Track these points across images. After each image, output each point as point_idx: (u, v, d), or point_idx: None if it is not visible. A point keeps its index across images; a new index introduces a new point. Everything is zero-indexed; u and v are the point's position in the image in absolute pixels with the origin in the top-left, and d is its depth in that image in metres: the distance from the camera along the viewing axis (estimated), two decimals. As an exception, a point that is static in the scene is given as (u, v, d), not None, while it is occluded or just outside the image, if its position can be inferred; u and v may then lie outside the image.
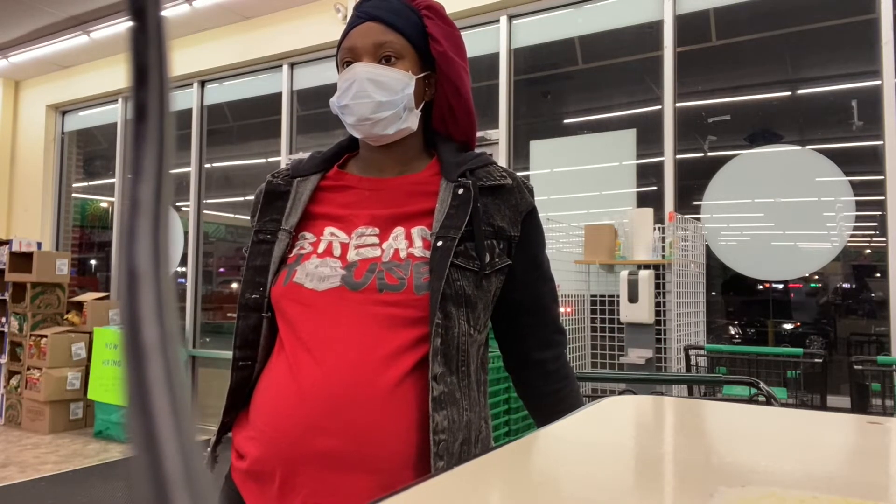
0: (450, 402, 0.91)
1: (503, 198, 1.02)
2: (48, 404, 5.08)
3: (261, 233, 1.03)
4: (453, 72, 1.04)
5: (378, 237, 0.98)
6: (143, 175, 0.18)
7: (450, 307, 0.93)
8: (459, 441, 0.92)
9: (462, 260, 0.95)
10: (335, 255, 0.97)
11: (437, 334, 0.91)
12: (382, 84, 0.99)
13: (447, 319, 0.92)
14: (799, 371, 2.91)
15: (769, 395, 1.73)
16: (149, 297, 0.17)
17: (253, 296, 0.98)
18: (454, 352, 0.93)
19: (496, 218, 1.00)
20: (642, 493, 0.50)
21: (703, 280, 3.62)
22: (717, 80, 3.96)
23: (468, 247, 0.96)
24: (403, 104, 1.01)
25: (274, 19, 5.35)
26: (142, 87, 0.18)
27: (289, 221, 1.02)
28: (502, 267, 1.00)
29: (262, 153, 5.82)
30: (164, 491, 0.15)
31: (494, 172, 1.03)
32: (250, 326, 0.98)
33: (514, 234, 1.02)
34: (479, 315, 0.97)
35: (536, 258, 1.06)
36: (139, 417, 0.16)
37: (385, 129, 1.01)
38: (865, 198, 3.37)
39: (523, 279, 1.03)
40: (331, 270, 0.95)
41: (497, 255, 0.99)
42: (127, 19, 0.19)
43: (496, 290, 1.00)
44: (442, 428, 0.89)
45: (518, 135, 4.47)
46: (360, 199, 1.03)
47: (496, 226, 1.00)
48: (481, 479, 0.53)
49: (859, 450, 0.65)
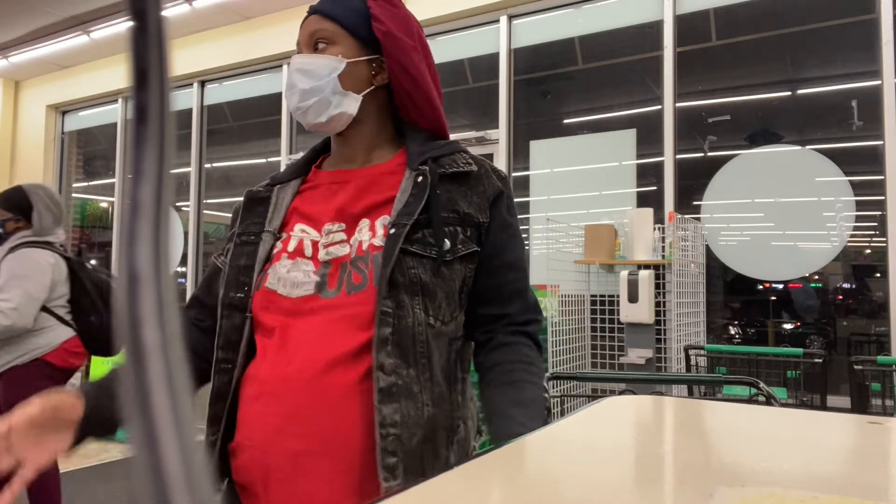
0: (404, 396, 0.88)
1: (470, 184, 1.00)
2: (48, 404, 5.08)
3: (244, 235, 1.02)
4: (401, 53, 1.01)
5: (345, 232, 0.97)
6: (143, 176, 0.18)
7: (402, 295, 0.90)
8: (419, 438, 0.88)
9: (418, 247, 0.93)
10: (306, 255, 0.95)
11: (384, 323, 0.89)
12: (308, 72, 1.00)
13: (400, 308, 0.90)
14: (799, 371, 2.91)
15: (769, 395, 1.73)
16: (149, 298, 0.17)
17: (237, 295, 0.96)
18: (410, 342, 0.90)
19: (462, 204, 0.98)
20: (642, 493, 0.50)
21: (703, 280, 3.62)
22: (717, 80, 3.96)
23: (426, 234, 0.94)
24: (330, 88, 0.99)
25: (274, 19, 5.35)
26: (142, 88, 0.18)
27: (272, 224, 1.01)
28: (467, 254, 0.96)
29: (262, 153, 5.82)
30: (165, 492, 0.15)
31: (459, 160, 1.01)
32: (234, 326, 0.96)
33: (483, 220, 0.99)
34: (439, 304, 0.93)
35: (499, 244, 1.01)
36: (140, 418, 0.16)
37: (316, 116, 1.00)
38: (865, 198, 3.37)
39: (487, 266, 0.99)
40: (304, 276, 0.93)
41: (461, 242, 0.96)
42: (127, 19, 0.19)
43: (464, 278, 0.97)
44: (392, 422, 0.86)
45: (518, 135, 4.47)
46: (327, 193, 1.03)
47: (462, 212, 0.97)
48: (481, 479, 0.53)
49: (859, 450, 0.65)
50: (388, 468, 0.85)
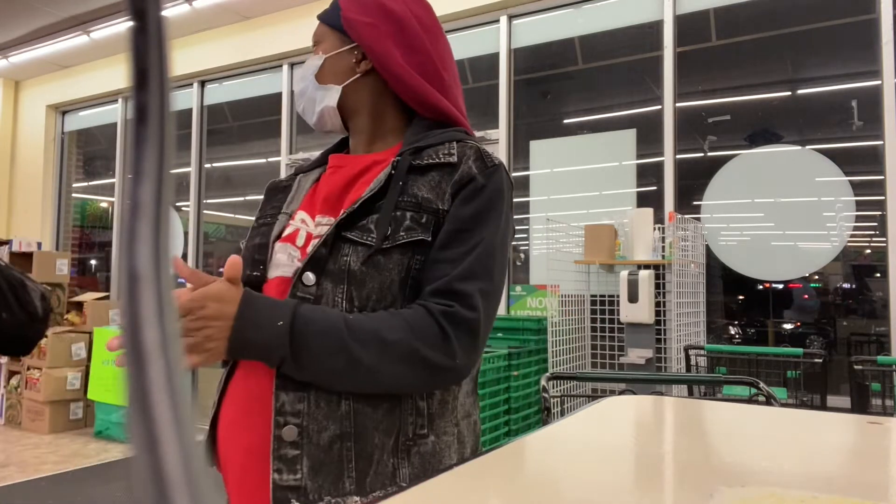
0: (314, 385, 0.84)
1: (444, 172, 0.92)
2: (48, 404, 5.08)
3: (262, 218, 1.03)
4: (372, 39, 0.98)
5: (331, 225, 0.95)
6: (143, 176, 0.18)
7: (327, 283, 0.86)
8: (332, 434, 0.83)
9: (356, 234, 0.88)
10: (297, 244, 0.94)
11: None
12: (300, 77, 1.04)
13: (323, 296, 0.86)
14: (799, 371, 2.91)
15: (769, 395, 1.73)
16: (149, 298, 0.17)
17: (253, 273, 0.95)
18: None
19: (423, 190, 0.90)
20: (642, 492, 0.50)
21: (703, 280, 3.61)
22: (717, 80, 3.96)
23: (370, 220, 0.88)
24: (312, 86, 1.02)
25: (274, 19, 5.35)
26: (142, 89, 0.18)
27: (289, 208, 1.01)
28: (410, 243, 0.87)
29: (262, 153, 5.82)
30: (165, 492, 0.15)
31: (442, 151, 0.94)
32: None
33: (443, 207, 0.89)
34: (368, 295, 0.86)
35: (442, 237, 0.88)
36: (140, 419, 0.16)
37: (310, 116, 1.04)
38: (865, 198, 3.37)
39: (430, 256, 0.89)
40: (287, 258, 0.93)
41: (405, 229, 0.87)
42: (127, 19, 0.19)
43: (408, 270, 0.87)
44: (292, 411, 0.84)
45: (518, 135, 4.47)
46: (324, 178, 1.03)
47: (420, 197, 0.89)
48: (481, 479, 0.53)
49: (859, 450, 0.65)
50: (284, 460, 0.83)
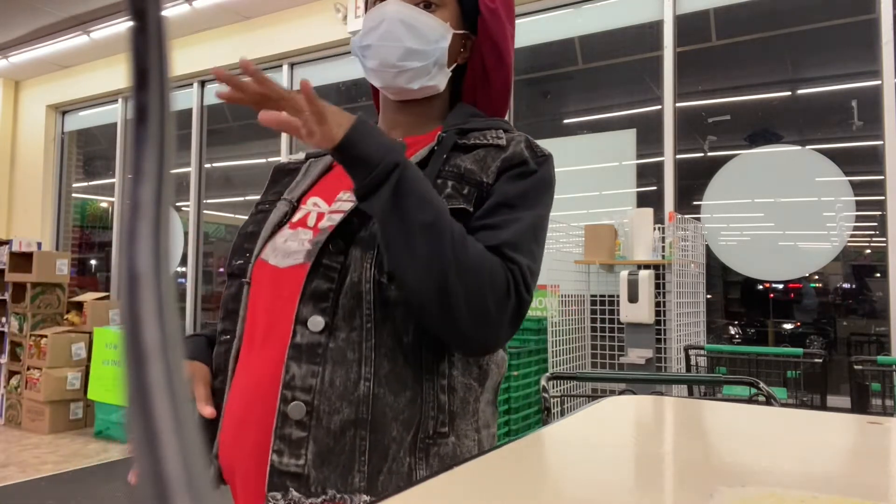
0: (331, 360, 0.76)
1: (490, 151, 0.87)
2: (48, 404, 5.08)
3: (261, 204, 0.96)
4: (500, 35, 0.93)
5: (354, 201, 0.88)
6: (143, 176, 0.18)
7: (356, 250, 0.80)
8: (345, 418, 0.75)
9: None
10: (309, 224, 0.86)
11: (321, 276, 0.79)
12: (416, 30, 0.88)
13: (350, 264, 0.79)
14: (799, 371, 2.91)
15: (769, 395, 1.73)
16: (149, 298, 0.17)
17: (238, 262, 0.89)
18: (353, 301, 0.78)
19: (467, 161, 0.85)
20: (642, 493, 0.50)
21: (703, 280, 3.61)
22: (717, 80, 3.96)
23: None
24: (435, 58, 0.89)
25: (274, 19, 5.35)
26: (142, 89, 0.18)
27: (292, 193, 0.93)
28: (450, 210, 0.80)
29: (262, 153, 5.82)
30: (165, 492, 0.15)
31: (490, 134, 0.89)
32: (231, 295, 0.89)
33: (487, 181, 0.84)
34: None
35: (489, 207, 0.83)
36: (140, 419, 0.16)
37: (410, 81, 0.89)
38: (865, 198, 3.37)
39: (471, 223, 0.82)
40: (298, 245, 0.84)
41: (446, 196, 0.81)
42: (127, 19, 0.19)
43: None
44: (303, 385, 0.75)
45: (518, 135, 4.47)
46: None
47: (463, 168, 0.84)
48: (482, 479, 0.53)
49: (859, 450, 0.65)
50: (287, 440, 0.75)
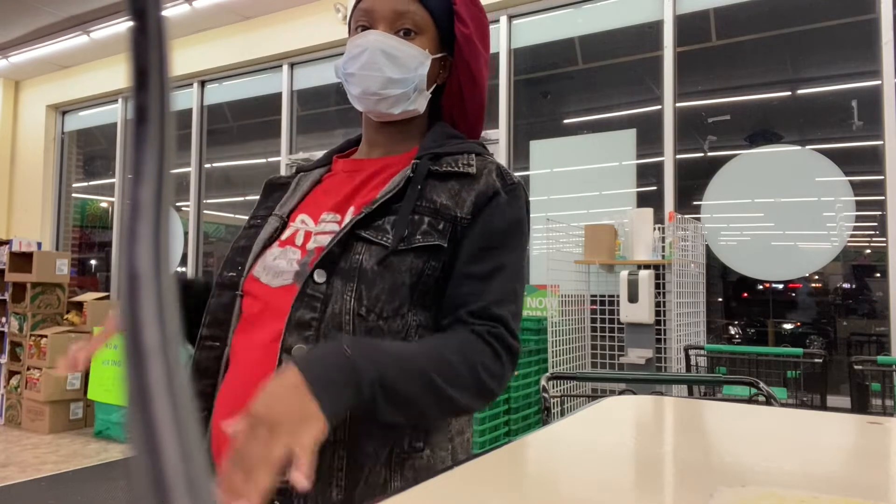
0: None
1: (463, 182, 0.91)
2: (48, 404, 5.08)
3: (253, 219, 1.00)
4: (473, 58, 0.97)
5: (338, 223, 0.91)
6: (143, 177, 0.18)
7: (337, 281, 0.83)
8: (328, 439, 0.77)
9: (372, 233, 0.86)
10: (297, 244, 0.91)
11: (305, 305, 0.82)
12: (396, 59, 0.92)
13: (332, 294, 0.83)
14: (799, 371, 2.91)
15: (769, 395, 1.73)
16: (149, 299, 0.17)
17: (230, 273, 0.92)
18: (335, 331, 0.82)
19: (442, 196, 0.89)
20: (642, 492, 0.50)
21: (703, 280, 3.61)
22: (717, 80, 3.96)
23: (387, 220, 0.87)
24: (415, 84, 0.94)
25: (274, 19, 5.35)
26: (142, 89, 0.18)
27: (283, 209, 0.97)
28: (425, 247, 0.85)
29: (262, 153, 5.82)
30: (165, 493, 0.15)
31: (462, 160, 0.92)
32: (222, 304, 0.92)
33: (462, 215, 0.88)
34: (378, 296, 0.83)
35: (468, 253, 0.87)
36: (140, 419, 0.16)
37: (391, 107, 0.94)
38: (865, 198, 3.37)
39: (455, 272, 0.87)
40: (287, 264, 0.89)
41: (422, 233, 0.86)
42: (127, 19, 0.19)
43: (420, 275, 0.85)
44: None
45: (518, 135, 4.47)
46: (335, 182, 0.99)
47: (438, 203, 0.88)
48: (481, 479, 0.53)
49: (859, 450, 0.65)
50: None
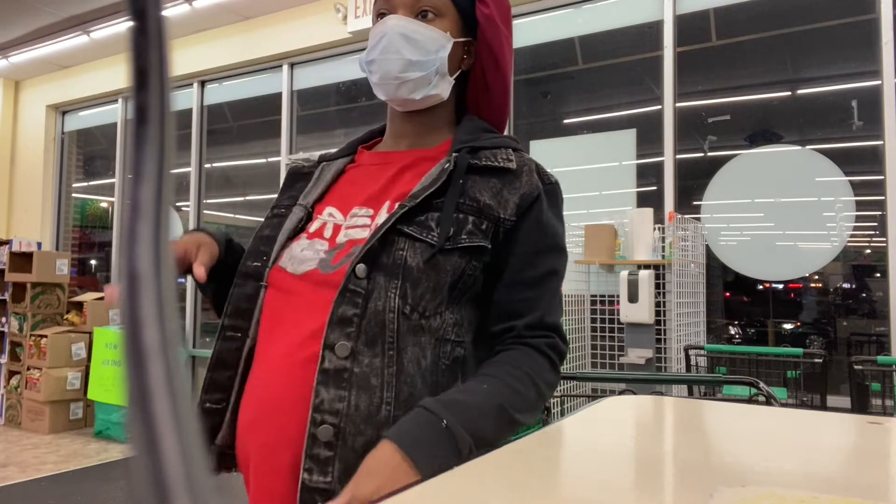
0: (356, 386, 0.79)
1: (504, 179, 0.90)
2: (48, 404, 5.08)
3: (276, 208, 0.99)
4: (496, 41, 0.95)
5: (371, 217, 0.90)
6: (143, 177, 0.18)
7: (380, 276, 0.82)
8: (368, 438, 0.77)
9: (415, 229, 0.84)
10: (325, 236, 0.90)
11: (349, 302, 0.81)
12: (415, 41, 0.91)
13: (373, 290, 0.82)
14: (799, 371, 2.91)
15: (769, 395, 1.73)
16: (149, 299, 0.17)
17: (254, 264, 0.92)
18: (378, 329, 0.81)
19: (485, 195, 0.88)
20: (642, 492, 0.50)
21: (703, 280, 3.61)
22: (717, 80, 3.96)
23: (430, 217, 0.85)
24: (436, 67, 0.92)
25: (274, 19, 5.35)
26: (142, 89, 0.18)
27: (307, 198, 0.96)
28: (470, 248, 0.85)
29: (262, 153, 5.81)
30: (165, 493, 0.15)
31: (500, 155, 0.92)
32: (245, 295, 0.91)
33: (505, 216, 0.88)
34: (422, 295, 0.83)
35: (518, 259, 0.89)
36: (140, 420, 0.16)
37: (412, 91, 0.92)
38: (865, 198, 3.37)
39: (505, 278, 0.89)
40: (313, 254, 0.88)
41: (467, 233, 0.85)
42: (127, 19, 0.19)
43: (461, 274, 0.85)
44: (331, 409, 0.78)
45: (518, 135, 4.47)
46: (363, 175, 0.97)
47: (482, 202, 0.87)
48: (481, 480, 0.53)
49: (859, 450, 0.65)
50: (317, 460, 0.77)
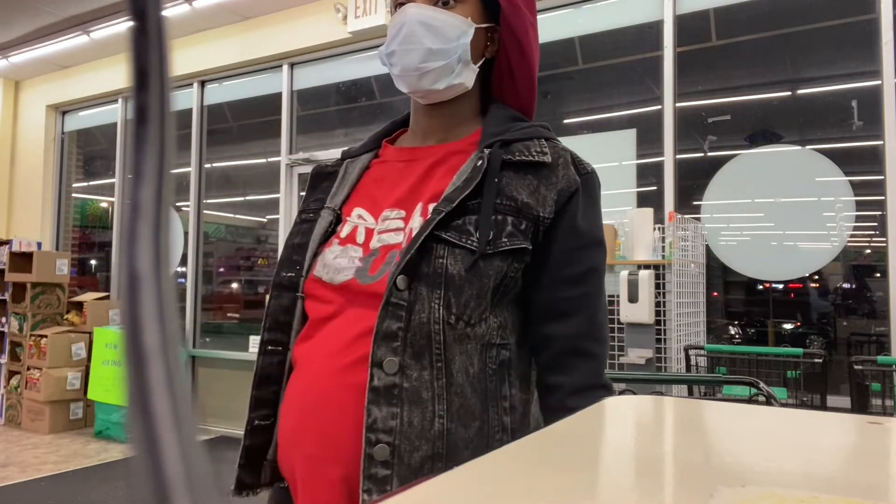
0: (408, 401, 0.77)
1: (540, 175, 0.86)
2: (48, 404, 5.08)
3: (304, 213, 0.96)
4: (520, 25, 0.91)
5: (403, 220, 0.87)
6: (143, 177, 0.18)
7: (421, 287, 0.79)
8: (424, 454, 0.77)
9: (453, 234, 0.81)
10: (358, 241, 0.87)
11: (393, 316, 0.79)
12: (435, 29, 0.87)
13: (416, 301, 0.79)
14: (799, 371, 2.91)
15: (769, 395, 1.73)
16: (150, 299, 0.17)
17: (288, 274, 0.89)
18: (424, 341, 0.78)
19: (522, 194, 0.84)
20: (642, 493, 0.50)
21: (703, 280, 3.61)
22: (717, 80, 3.96)
23: (468, 221, 0.82)
24: (458, 55, 0.88)
25: (274, 19, 5.35)
26: (143, 89, 0.18)
27: (334, 200, 0.93)
28: (512, 250, 0.82)
29: (262, 153, 5.81)
30: (165, 494, 0.15)
31: (533, 148, 0.87)
32: (283, 307, 0.89)
33: (544, 215, 0.84)
34: (466, 303, 0.80)
35: (559, 254, 0.85)
36: (140, 420, 0.16)
37: (434, 82, 0.88)
38: (865, 198, 3.37)
39: (545, 277, 0.85)
40: (348, 262, 0.85)
41: (507, 235, 0.82)
42: (127, 19, 0.19)
43: (503, 277, 0.82)
44: (385, 427, 0.76)
45: (518, 135, 4.47)
46: (390, 172, 0.94)
47: (520, 201, 0.83)
48: (481, 480, 0.53)
49: (859, 450, 0.65)
50: (375, 479, 0.76)
